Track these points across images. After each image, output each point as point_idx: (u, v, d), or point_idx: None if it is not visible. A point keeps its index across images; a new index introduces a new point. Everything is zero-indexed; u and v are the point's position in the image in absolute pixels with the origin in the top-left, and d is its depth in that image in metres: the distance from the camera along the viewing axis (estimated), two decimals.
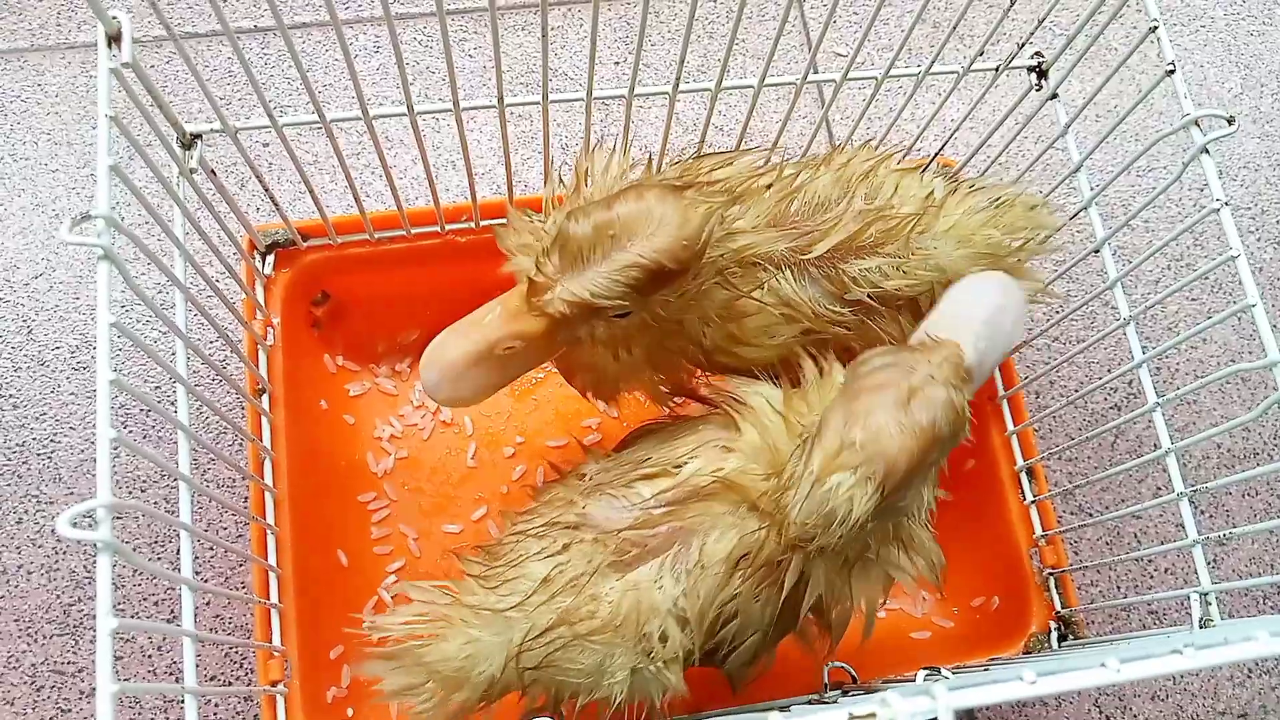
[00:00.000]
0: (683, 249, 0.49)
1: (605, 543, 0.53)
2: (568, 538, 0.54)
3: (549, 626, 0.52)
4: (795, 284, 0.57)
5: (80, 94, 0.88)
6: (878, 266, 0.57)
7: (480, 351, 0.52)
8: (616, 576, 0.52)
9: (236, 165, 0.85)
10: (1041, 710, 0.78)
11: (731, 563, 0.51)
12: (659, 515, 0.53)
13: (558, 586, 0.53)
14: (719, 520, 0.52)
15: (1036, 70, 0.64)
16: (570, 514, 0.55)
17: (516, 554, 0.55)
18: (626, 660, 0.52)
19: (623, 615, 0.51)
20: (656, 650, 0.51)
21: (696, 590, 0.51)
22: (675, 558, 0.52)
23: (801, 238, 0.57)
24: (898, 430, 0.47)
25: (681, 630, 0.51)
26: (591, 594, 0.52)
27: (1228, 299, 0.89)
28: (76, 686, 0.72)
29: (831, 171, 0.60)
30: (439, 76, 0.91)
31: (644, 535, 0.52)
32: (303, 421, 0.72)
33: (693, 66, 0.93)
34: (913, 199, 0.59)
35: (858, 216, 0.57)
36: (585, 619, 0.51)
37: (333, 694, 0.69)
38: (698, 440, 0.55)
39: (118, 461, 0.77)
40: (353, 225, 0.72)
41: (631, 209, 0.50)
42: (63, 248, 0.83)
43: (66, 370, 0.80)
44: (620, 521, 0.53)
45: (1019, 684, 0.29)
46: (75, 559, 0.75)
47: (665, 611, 0.51)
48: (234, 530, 0.76)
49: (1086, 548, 0.82)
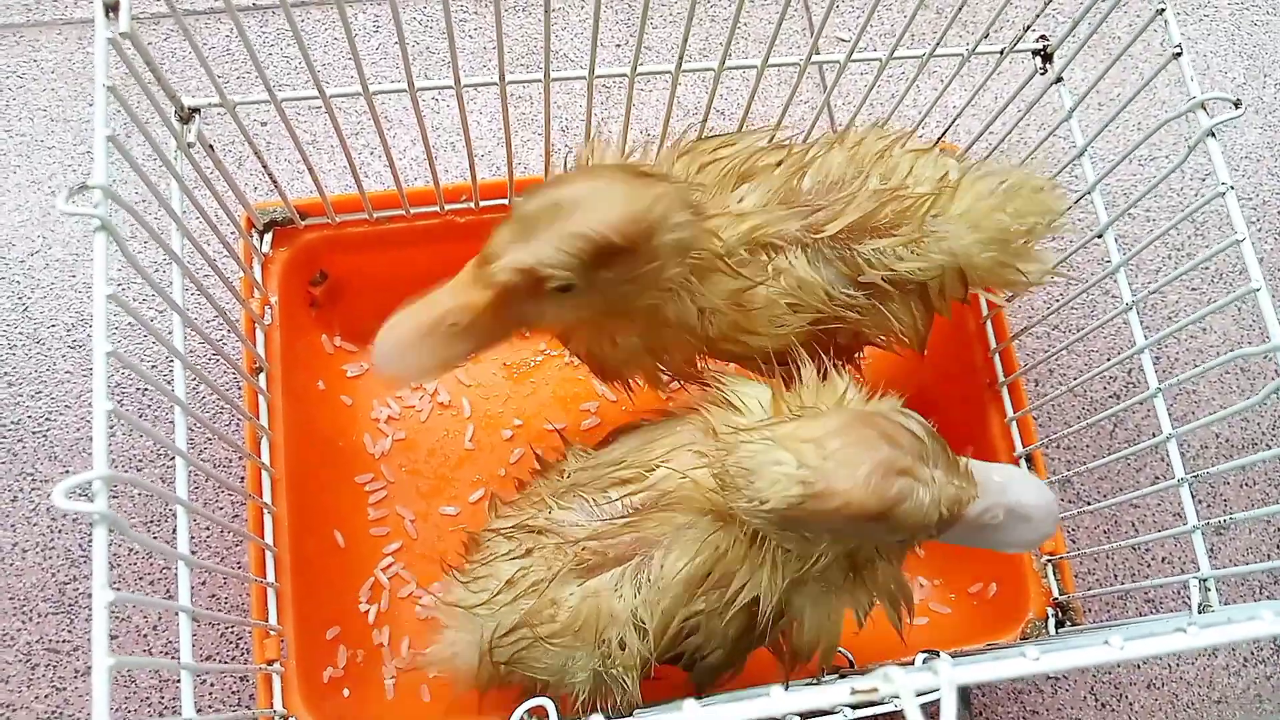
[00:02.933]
0: (629, 224, 0.49)
1: (566, 550, 0.53)
2: (532, 542, 0.55)
3: (512, 627, 0.53)
4: (809, 265, 0.56)
5: (77, 70, 0.87)
6: (891, 248, 0.57)
7: (428, 324, 0.51)
8: (577, 582, 0.53)
9: (234, 144, 0.85)
10: (1038, 697, 0.78)
11: (692, 584, 0.52)
12: (620, 526, 0.53)
13: (520, 589, 0.54)
14: (679, 535, 0.52)
15: (1041, 54, 0.64)
16: (539, 517, 0.55)
17: (489, 552, 0.57)
18: (587, 663, 0.53)
19: (581, 620, 0.52)
20: (615, 655, 0.52)
21: (656, 606, 0.52)
22: (636, 568, 0.52)
23: (814, 214, 0.56)
24: (865, 484, 0.45)
25: (640, 639, 0.52)
26: (551, 599, 0.53)
27: (1227, 288, 0.89)
28: (71, 665, 0.72)
29: (845, 150, 0.59)
30: (439, 57, 0.90)
31: (605, 544, 0.53)
32: (300, 401, 0.72)
33: (694, 49, 0.93)
34: (927, 180, 0.58)
35: (873, 196, 0.56)
36: (546, 622, 0.52)
37: (329, 674, 0.68)
38: (673, 443, 0.55)
39: (114, 440, 0.77)
40: (351, 204, 0.71)
41: (583, 186, 0.50)
42: (59, 224, 0.82)
43: (62, 348, 0.79)
44: (583, 530, 0.54)
45: (1022, 660, 0.29)
46: (70, 537, 0.75)
47: (624, 620, 0.52)
48: (230, 511, 0.76)
49: (1084, 536, 0.81)
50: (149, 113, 0.79)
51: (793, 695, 0.29)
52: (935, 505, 0.46)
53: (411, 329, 0.51)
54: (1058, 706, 0.78)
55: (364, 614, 0.73)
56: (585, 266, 0.49)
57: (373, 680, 0.71)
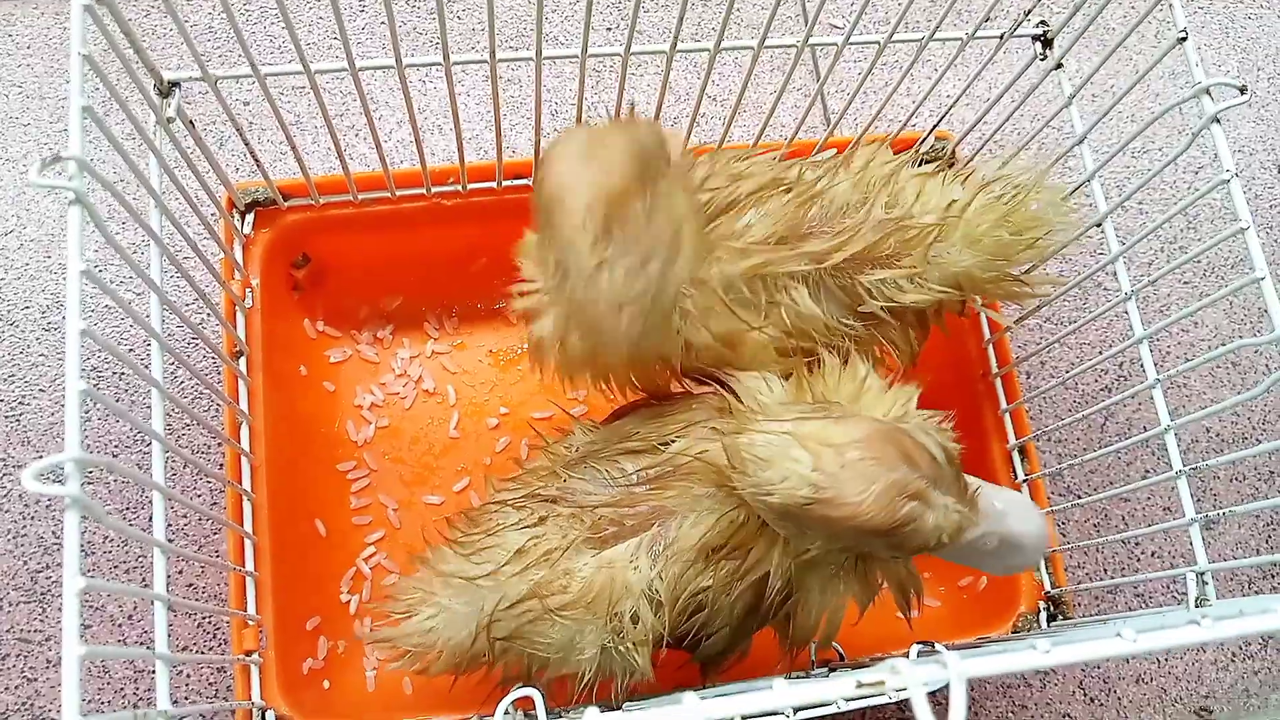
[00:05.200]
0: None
1: (582, 518, 0.52)
2: (545, 510, 0.53)
3: (520, 598, 0.51)
4: (810, 298, 0.54)
5: (53, 46, 0.85)
6: (894, 279, 0.55)
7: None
8: (592, 552, 0.51)
9: (216, 123, 0.83)
10: (1027, 692, 0.77)
11: (703, 551, 0.50)
12: (640, 493, 0.52)
13: (532, 558, 0.52)
14: (697, 503, 0.51)
15: (1041, 39, 0.63)
16: (551, 487, 0.54)
17: (495, 522, 0.55)
18: (596, 638, 0.51)
19: (595, 592, 0.50)
20: (627, 630, 0.51)
21: (670, 573, 0.50)
22: (653, 539, 0.51)
23: (817, 252, 0.54)
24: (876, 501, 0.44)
25: (654, 613, 0.51)
26: (565, 569, 0.51)
27: (1219, 282, 0.88)
28: (44, 655, 0.70)
29: (851, 175, 0.57)
30: (427, 38, 0.89)
31: (622, 513, 0.51)
32: (281, 387, 0.70)
33: (686, 34, 0.91)
34: (934, 208, 0.56)
35: (877, 226, 0.55)
36: (557, 593, 0.51)
37: (309, 665, 0.67)
38: (687, 419, 0.54)
39: (89, 425, 0.75)
40: (335, 185, 0.70)
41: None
42: (34, 204, 0.80)
43: (36, 331, 0.77)
44: (599, 497, 0.52)
45: (1033, 653, 0.28)
46: (43, 524, 0.73)
47: (639, 592, 0.50)
48: (209, 498, 0.74)
49: (1074, 529, 0.81)
50: (129, 90, 0.77)
51: (795, 688, 0.28)
52: (938, 531, 0.46)
53: None
54: (1046, 701, 0.77)
55: (345, 604, 0.71)
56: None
57: (354, 672, 0.69)
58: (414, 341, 0.78)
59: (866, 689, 0.27)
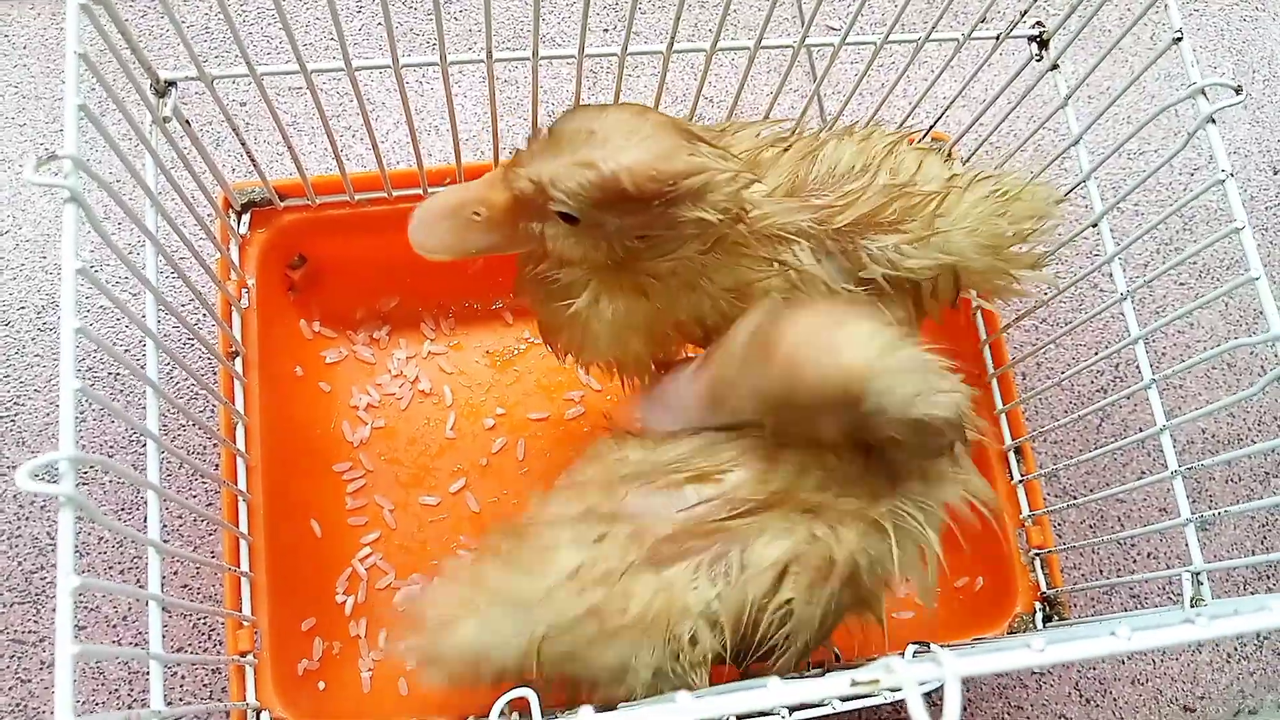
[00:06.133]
0: (647, 177, 0.47)
1: (642, 539, 0.51)
2: (604, 528, 0.51)
3: (576, 619, 0.50)
4: (813, 257, 0.55)
5: (49, 46, 0.85)
6: (895, 245, 0.56)
7: (452, 206, 0.52)
8: (651, 573, 0.50)
9: (212, 124, 0.83)
10: (1023, 692, 0.77)
11: (779, 567, 0.50)
12: (709, 526, 0.51)
13: (589, 578, 0.50)
14: (769, 525, 0.50)
15: (1037, 40, 0.63)
16: (608, 504, 0.52)
17: (547, 540, 0.53)
18: (652, 660, 0.50)
19: (653, 614, 0.49)
20: (685, 652, 0.50)
21: (740, 593, 0.49)
22: (714, 559, 0.50)
23: (822, 210, 0.55)
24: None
25: (713, 633, 0.50)
26: (624, 589, 0.50)
27: (1215, 283, 0.89)
28: (38, 656, 0.70)
29: (855, 142, 0.58)
30: (424, 39, 0.89)
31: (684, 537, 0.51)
32: (277, 387, 0.70)
33: (682, 35, 0.91)
34: (935, 178, 0.58)
35: (881, 191, 0.56)
36: (615, 615, 0.49)
37: (304, 666, 0.67)
38: (742, 448, 0.53)
39: (84, 425, 0.75)
40: (332, 186, 0.70)
41: (622, 120, 0.48)
42: (30, 204, 0.80)
43: (31, 331, 0.77)
44: (664, 521, 0.51)
45: (1027, 652, 0.28)
46: (38, 525, 0.73)
47: (698, 613, 0.49)
48: (205, 499, 0.74)
49: (1070, 530, 0.81)
50: (126, 90, 0.77)
51: (790, 687, 0.28)
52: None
53: (439, 206, 0.53)
54: (1042, 702, 0.77)
55: (341, 605, 0.71)
56: (592, 202, 0.48)
57: (349, 673, 0.69)
58: (410, 342, 0.78)
59: (861, 687, 0.27)
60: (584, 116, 0.49)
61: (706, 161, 0.49)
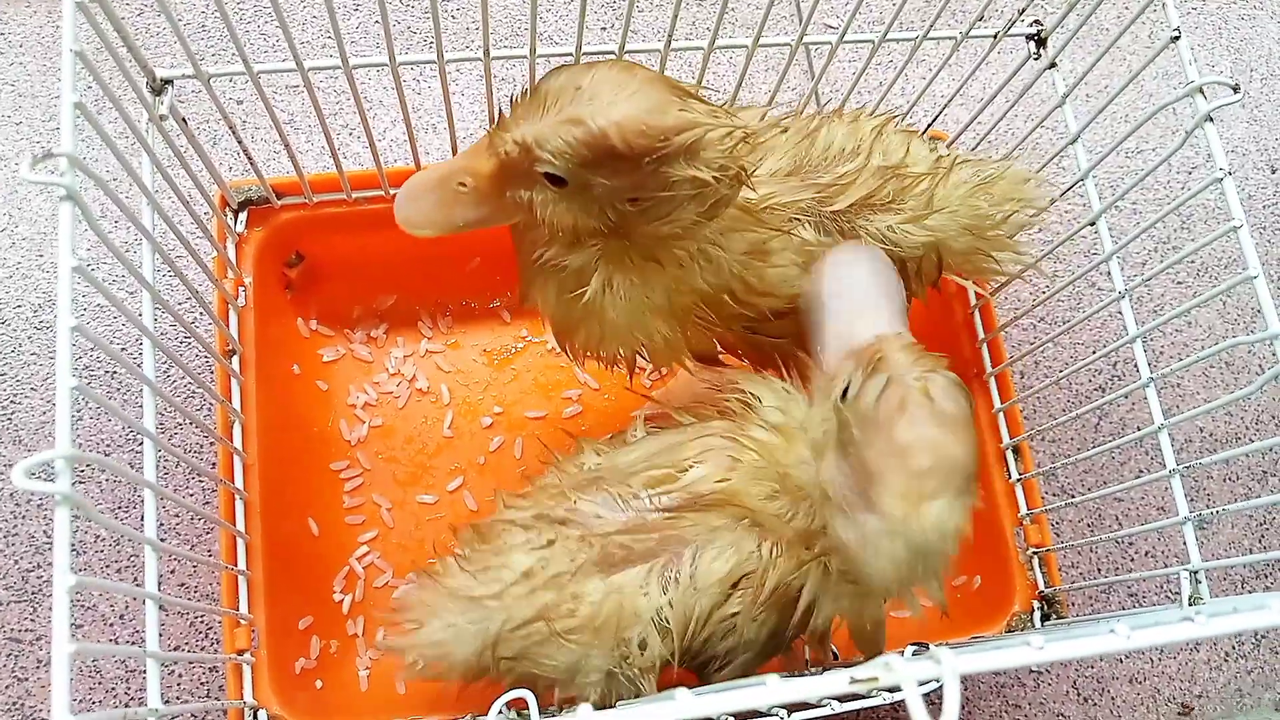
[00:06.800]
0: (637, 133, 0.45)
1: (591, 542, 0.51)
2: (553, 532, 0.52)
3: (526, 620, 0.51)
4: (814, 233, 0.56)
5: (46, 44, 0.85)
6: (889, 225, 0.57)
7: (437, 178, 0.51)
8: (601, 577, 0.50)
9: (209, 122, 0.83)
10: (1020, 691, 0.77)
11: (728, 583, 0.50)
12: (654, 520, 0.51)
13: (539, 581, 0.51)
14: (716, 535, 0.50)
15: (1035, 39, 0.63)
16: (560, 508, 0.53)
17: (502, 541, 0.54)
18: (602, 663, 0.51)
19: (603, 618, 0.50)
20: (634, 656, 0.50)
21: (687, 606, 0.50)
22: (665, 566, 0.50)
23: (822, 191, 0.56)
24: (947, 433, 0.43)
25: (662, 640, 0.50)
26: (573, 592, 0.50)
27: (1212, 281, 0.89)
28: (34, 655, 0.70)
29: (845, 124, 0.59)
30: (420, 38, 0.89)
31: (634, 540, 0.51)
32: (274, 386, 0.70)
33: (679, 33, 0.91)
34: (923, 160, 0.59)
35: (876, 173, 0.57)
36: (564, 617, 0.50)
37: (301, 665, 0.67)
38: (704, 446, 0.53)
39: (82, 424, 0.75)
40: (329, 184, 0.69)
41: (609, 74, 0.46)
42: (26, 202, 0.80)
43: (28, 329, 0.77)
44: (611, 523, 0.52)
45: (1026, 649, 0.28)
46: (35, 523, 0.72)
47: (647, 619, 0.50)
48: (202, 498, 0.74)
49: (1067, 529, 0.81)
50: (123, 88, 0.77)
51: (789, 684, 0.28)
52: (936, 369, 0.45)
53: (424, 180, 0.52)
54: (1040, 700, 0.77)
55: (338, 604, 0.71)
56: (579, 161, 0.46)
57: (346, 671, 0.69)
58: (408, 340, 0.78)
59: (860, 685, 0.27)
60: (569, 74, 0.47)
61: (698, 117, 0.47)
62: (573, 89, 0.46)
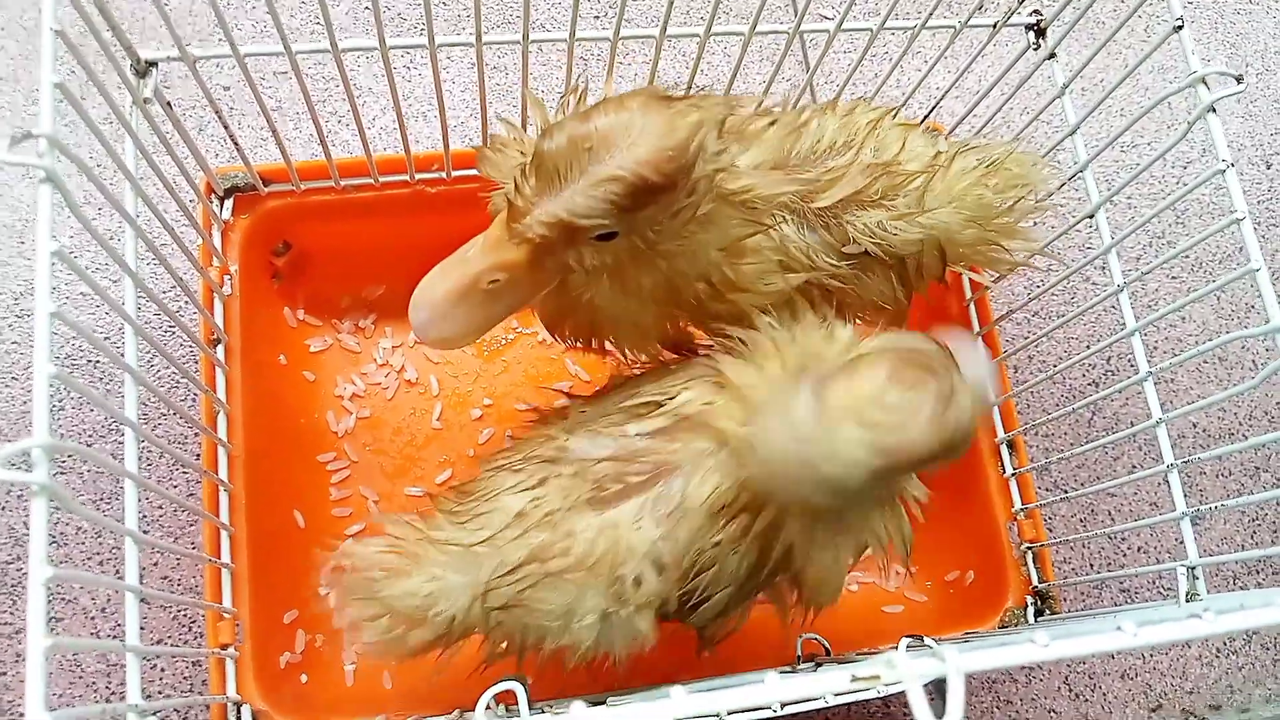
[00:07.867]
0: (667, 160, 0.45)
1: (584, 477, 0.50)
2: (545, 471, 0.51)
3: (520, 563, 0.49)
4: (796, 230, 0.54)
5: (29, 29, 0.83)
6: (878, 222, 0.55)
7: (465, 287, 0.49)
8: (594, 513, 0.49)
9: (195, 108, 0.81)
10: (1012, 687, 0.77)
11: (712, 509, 0.49)
12: (643, 446, 0.50)
13: (532, 521, 0.50)
14: (701, 461, 0.49)
15: (1035, 29, 0.62)
16: (550, 448, 0.52)
17: (490, 488, 0.53)
18: (597, 603, 0.49)
19: (598, 554, 0.49)
20: (629, 594, 0.49)
21: (676, 534, 0.49)
22: (657, 499, 0.49)
23: (808, 184, 0.54)
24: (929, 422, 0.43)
25: (658, 575, 0.49)
26: (567, 530, 0.49)
27: (1207, 277, 0.88)
28: (14, 649, 0.69)
29: (838, 117, 0.58)
30: (410, 24, 0.87)
31: (625, 469, 0.50)
32: (260, 376, 0.69)
33: (675, 22, 0.90)
34: (919, 155, 0.57)
35: (865, 170, 0.55)
36: (558, 555, 0.49)
37: (286, 659, 0.66)
38: (688, 375, 0.53)
39: (62, 414, 0.73)
40: (317, 171, 0.68)
41: (610, 120, 0.46)
42: (6, 188, 0.78)
43: (9, 318, 0.76)
44: (601, 453, 0.51)
45: (1032, 646, 0.27)
46: (14, 515, 0.71)
47: (642, 554, 0.49)
48: (185, 489, 0.73)
49: (1061, 525, 0.81)
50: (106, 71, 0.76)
51: (789, 682, 0.27)
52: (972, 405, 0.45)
53: (448, 292, 0.49)
54: (1031, 696, 0.77)
55: (324, 598, 0.70)
56: (624, 211, 0.46)
57: (332, 666, 0.68)
58: (396, 331, 0.76)
59: (862, 683, 0.26)
60: (566, 134, 0.46)
61: (698, 116, 0.47)
62: (582, 149, 0.46)
